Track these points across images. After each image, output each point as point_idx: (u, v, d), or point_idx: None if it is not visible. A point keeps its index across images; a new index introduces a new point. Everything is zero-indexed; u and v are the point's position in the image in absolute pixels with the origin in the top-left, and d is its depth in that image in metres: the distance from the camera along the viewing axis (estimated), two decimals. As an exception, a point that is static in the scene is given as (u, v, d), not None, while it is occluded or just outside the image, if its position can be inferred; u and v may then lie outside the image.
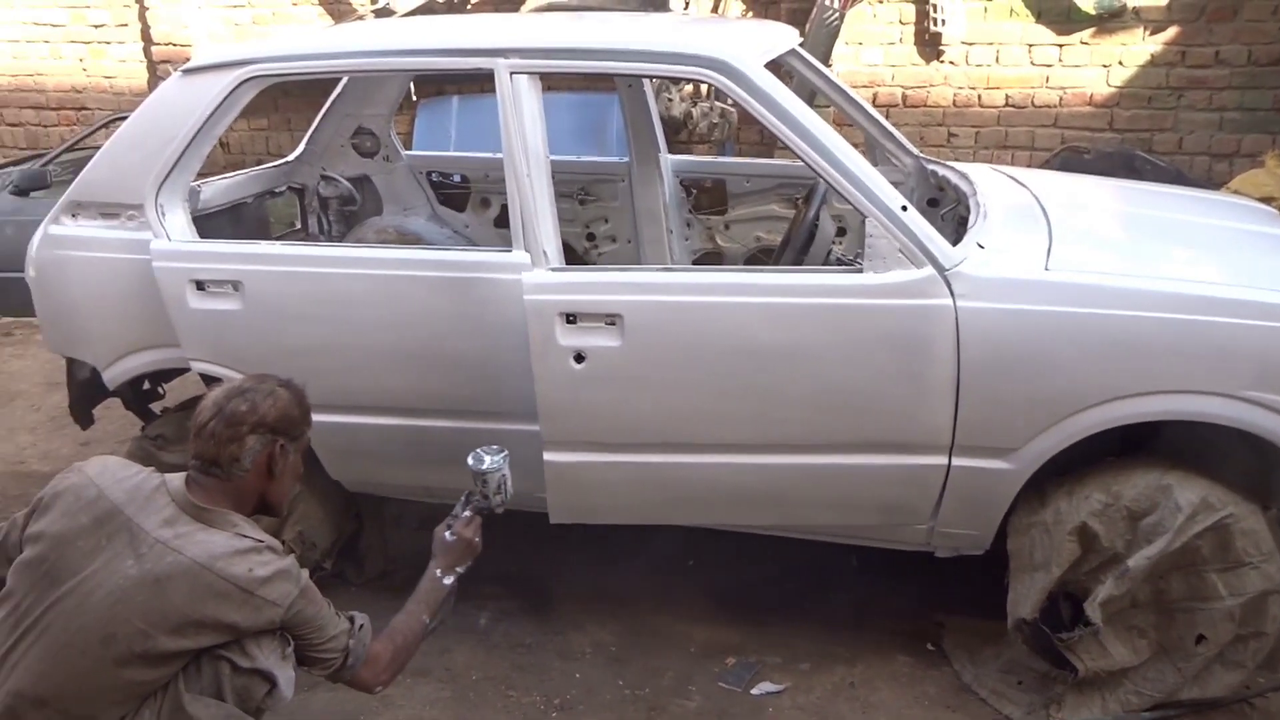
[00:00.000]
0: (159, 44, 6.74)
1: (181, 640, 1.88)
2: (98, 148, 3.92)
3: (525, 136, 2.61)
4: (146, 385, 3.42)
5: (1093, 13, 5.34)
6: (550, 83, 2.68)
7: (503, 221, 4.09)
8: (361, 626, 2.12)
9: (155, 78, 6.81)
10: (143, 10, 6.71)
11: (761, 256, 3.94)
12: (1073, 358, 2.42)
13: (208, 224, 3.18)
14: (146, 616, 1.85)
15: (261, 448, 2.03)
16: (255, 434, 2.02)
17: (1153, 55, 5.38)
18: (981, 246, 2.57)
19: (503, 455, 2.39)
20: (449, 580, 2.32)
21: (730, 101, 5.60)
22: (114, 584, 1.87)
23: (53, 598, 1.89)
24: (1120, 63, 5.43)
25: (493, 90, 2.66)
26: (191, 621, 1.87)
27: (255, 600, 1.91)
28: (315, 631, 2.02)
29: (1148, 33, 5.36)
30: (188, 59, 6.24)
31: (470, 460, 2.38)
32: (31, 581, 1.92)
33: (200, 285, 2.84)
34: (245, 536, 1.97)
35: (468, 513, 2.38)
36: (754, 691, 2.82)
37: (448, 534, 2.35)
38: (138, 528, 1.92)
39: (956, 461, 2.57)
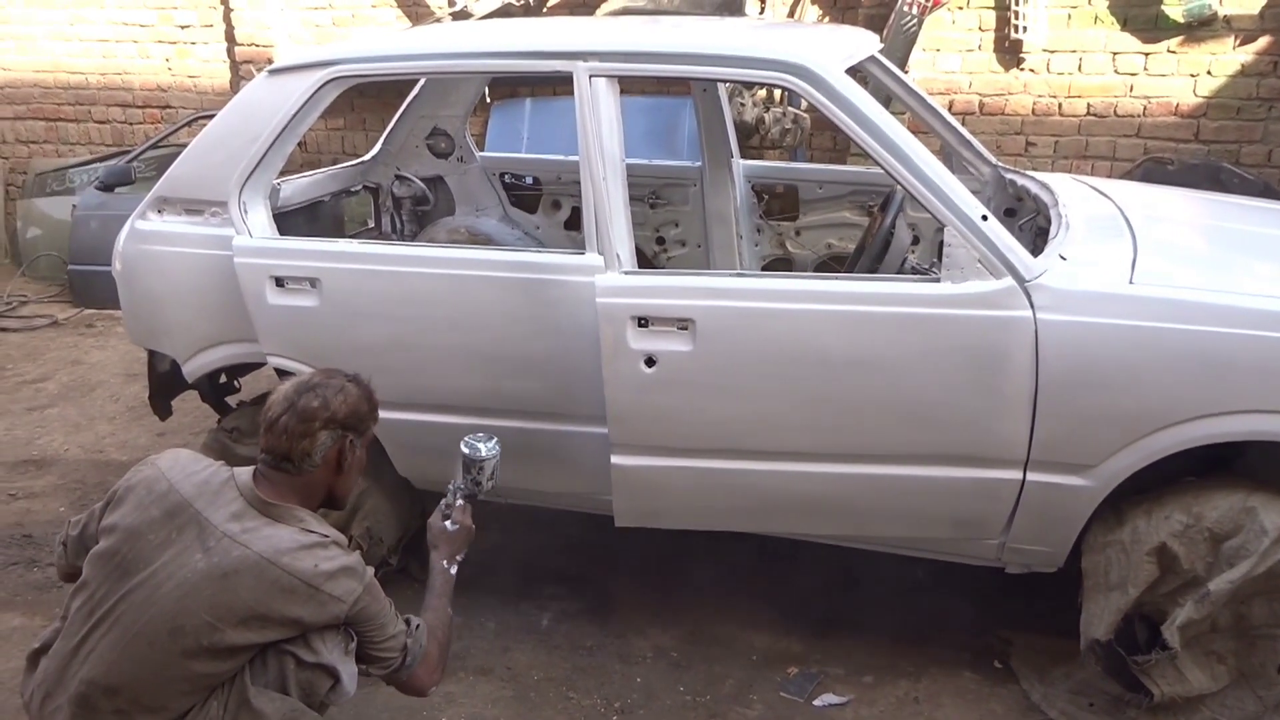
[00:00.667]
0: (242, 45, 6.89)
1: (247, 634, 1.91)
2: (181, 145, 4.03)
3: (602, 140, 2.62)
4: (223, 379, 3.50)
5: (1181, 21, 5.19)
6: (621, 86, 2.68)
7: (573, 224, 4.12)
8: (418, 627, 2.14)
9: (237, 78, 6.96)
10: (228, 12, 6.88)
11: (832, 264, 3.90)
12: (1156, 374, 2.36)
13: (286, 221, 3.23)
14: (213, 609, 1.89)
15: (332, 443, 2.06)
16: (327, 429, 2.05)
17: (1243, 65, 5.21)
18: (1064, 258, 2.52)
19: (495, 441, 2.43)
20: (454, 570, 2.34)
21: (804, 106, 5.62)
22: (182, 577, 1.90)
23: (124, 589, 1.93)
24: (1209, 72, 5.27)
25: (565, 93, 2.67)
26: (257, 615, 1.90)
27: (320, 596, 1.93)
28: (376, 630, 2.04)
29: (1238, 42, 5.20)
30: (269, 60, 6.43)
31: (465, 449, 2.41)
32: (105, 572, 1.96)
33: (279, 281, 2.89)
34: (311, 532, 1.99)
35: (460, 501, 2.41)
36: (816, 703, 2.79)
37: (449, 524, 2.37)
38: (206, 521, 1.96)
39: (1031, 476, 2.52)
